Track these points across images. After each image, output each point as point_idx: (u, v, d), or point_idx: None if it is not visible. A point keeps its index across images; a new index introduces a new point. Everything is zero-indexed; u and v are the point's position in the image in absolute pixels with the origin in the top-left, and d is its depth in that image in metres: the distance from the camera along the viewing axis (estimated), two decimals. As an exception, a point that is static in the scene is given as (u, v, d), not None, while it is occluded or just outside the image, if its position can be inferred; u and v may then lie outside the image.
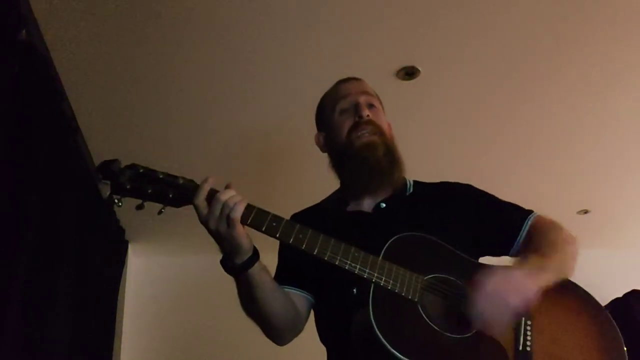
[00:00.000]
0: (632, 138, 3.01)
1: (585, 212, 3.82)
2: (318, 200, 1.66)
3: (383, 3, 2.13)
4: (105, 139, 2.79)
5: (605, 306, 1.50)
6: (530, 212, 1.56)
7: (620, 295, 3.87)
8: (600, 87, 2.61)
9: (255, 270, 1.31)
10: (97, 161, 2.96)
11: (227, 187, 1.28)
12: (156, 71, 2.38)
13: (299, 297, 1.47)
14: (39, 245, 2.10)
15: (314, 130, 1.69)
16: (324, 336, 1.51)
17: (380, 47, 2.33)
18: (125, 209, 3.61)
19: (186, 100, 2.57)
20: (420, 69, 2.45)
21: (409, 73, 2.47)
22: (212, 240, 1.31)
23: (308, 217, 1.53)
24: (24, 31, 1.92)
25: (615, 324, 1.40)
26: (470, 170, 3.18)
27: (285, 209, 1.58)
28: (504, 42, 2.34)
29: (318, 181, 1.62)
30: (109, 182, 1.25)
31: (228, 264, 1.31)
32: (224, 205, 1.23)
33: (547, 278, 1.32)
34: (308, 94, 2.57)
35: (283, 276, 1.47)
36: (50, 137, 2.20)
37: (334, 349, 1.48)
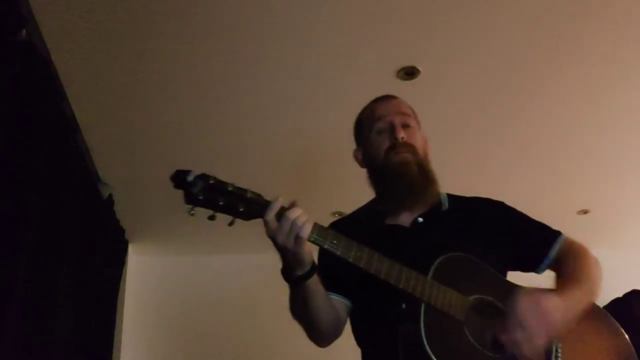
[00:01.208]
0: (632, 138, 3.01)
1: (585, 212, 3.82)
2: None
3: (383, 3, 2.13)
4: (105, 139, 2.79)
5: (605, 306, 1.60)
6: (558, 233, 1.64)
7: (620, 295, 3.87)
8: (600, 87, 2.61)
9: (311, 281, 1.40)
10: (97, 161, 2.97)
11: (294, 205, 1.35)
12: (156, 71, 2.38)
13: (340, 304, 1.56)
14: (39, 245, 2.10)
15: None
16: (363, 340, 1.60)
17: (380, 47, 2.33)
18: (126, 209, 3.61)
19: (187, 100, 2.57)
20: (420, 69, 2.45)
21: (409, 73, 2.46)
22: (211, 240, 1.32)
23: (346, 227, 1.61)
24: (24, 31, 1.92)
25: (630, 343, 1.56)
26: (470, 171, 3.18)
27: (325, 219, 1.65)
28: (504, 42, 2.34)
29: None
30: (181, 191, 1.29)
31: (288, 274, 1.39)
32: (293, 223, 1.31)
33: (579, 307, 1.43)
34: (308, 93, 2.59)
35: (325, 283, 1.52)
36: (50, 137, 2.20)
37: (373, 353, 1.56)
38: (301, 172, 3.10)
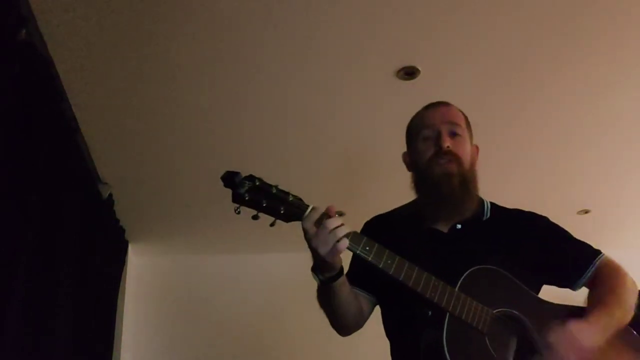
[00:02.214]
0: (632, 138, 3.01)
1: (585, 212, 3.82)
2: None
3: (383, 3, 2.13)
4: (105, 139, 2.79)
5: None
6: (598, 252, 1.66)
7: (620, 295, 3.86)
8: (600, 87, 2.61)
9: (338, 283, 1.46)
10: (97, 161, 2.98)
11: (330, 211, 1.39)
12: (156, 70, 2.38)
13: (365, 299, 1.63)
14: (39, 245, 2.10)
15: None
16: (391, 336, 1.66)
17: (380, 47, 2.33)
18: (126, 209, 3.60)
19: (187, 100, 2.57)
20: (420, 69, 2.45)
21: (409, 73, 2.46)
22: (211, 240, 1.32)
23: (386, 226, 1.71)
24: (24, 31, 1.92)
25: None
26: (470, 170, 3.18)
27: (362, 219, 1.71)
28: (504, 43, 2.34)
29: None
30: (230, 190, 1.34)
31: (317, 274, 1.46)
32: (332, 233, 1.36)
33: (610, 333, 1.47)
34: (307, 93, 2.58)
35: (354, 278, 1.58)
36: (50, 137, 2.20)
37: (399, 350, 1.62)
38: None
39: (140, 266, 4.13)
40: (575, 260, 1.64)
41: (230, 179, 1.35)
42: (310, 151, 3.03)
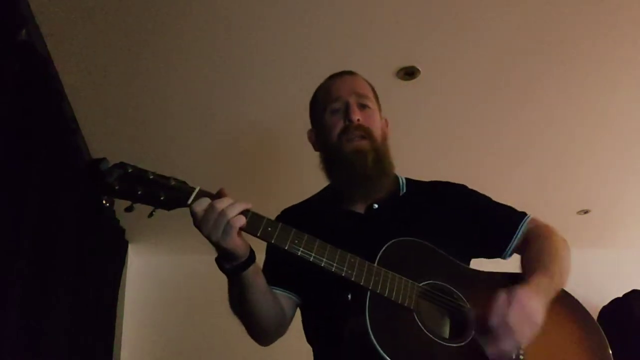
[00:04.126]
0: (632, 138, 3.01)
1: (585, 212, 3.82)
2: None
3: (383, 3, 2.13)
4: (105, 139, 2.79)
5: (605, 306, 1.50)
6: (524, 214, 1.55)
7: (620, 295, 3.87)
8: (599, 87, 2.61)
9: (248, 273, 1.29)
10: (97, 161, 2.97)
11: (222, 193, 1.24)
12: (156, 70, 2.38)
13: (286, 299, 1.47)
14: (38, 245, 2.10)
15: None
16: (312, 337, 1.51)
17: (380, 47, 2.33)
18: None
19: (186, 99, 2.57)
20: (420, 69, 2.45)
21: (409, 73, 2.47)
22: None
23: (299, 214, 1.55)
24: (24, 31, 1.92)
25: (602, 333, 1.43)
26: (470, 171, 3.18)
27: (280, 207, 1.60)
28: (504, 43, 2.34)
29: (312, 179, 1.61)
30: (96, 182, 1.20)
31: (222, 265, 1.30)
32: (220, 215, 1.20)
33: (550, 296, 1.33)
34: (306, 93, 2.58)
35: (271, 277, 1.44)
36: (50, 137, 2.19)
37: (323, 351, 1.47)
38: (295, 171, 3.09)
39: (140, 266, 4.13)
40: (501, 225, 1.52)
41: (94, 168, 1.18)
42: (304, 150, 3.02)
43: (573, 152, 3.13)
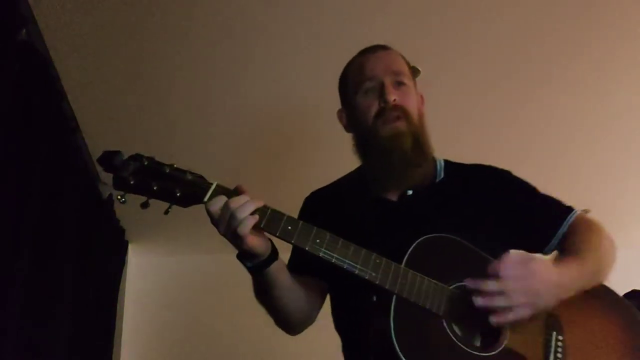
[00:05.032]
0: (633, 138, 3.01)
1: (585, 212, 3.81)
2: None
3: (383, 3, 2.13)
4: (105, 139, 2.79)
5: None
6: (571, 209, 1.46)
7: (620, 295, 3.86)
8: (600, 87, 2.61)
9: (270, 270, 1.24)
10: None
11: (239, 190, 1.17)
12: (157, 70, 2.38)
13: (315, 285, 1.40)
14: (38, 245, 2.10)
15: (316, 126, 1.63)
16: (340, 328, 1.45)
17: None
18: (126, 209, 3.58)
19: (187, 98, 2.57)
20: (420, 69, 2.45)
21: (409, 73, 2.46)
22: (211, 240, 1.29)
23: (327, 199, 1.47)
24: (24, 31, 1.92)
25: None
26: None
27: (300, 197, 1.52)
28: (503, 43, 2.34)
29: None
30: (110, 175, 1.15)
31: (243, 262, 1.25)
32: (231, 216, 1.14)
33: (577, 284, 1.25)
34: (306, 93, 2.58)
35: (299, 265, 1.38)
36: (50, 137, 2.20)
37: (350, 345, 1.40)
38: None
39: (140, 266, 4.12)
40: (544, 219, 1.42)
41: (109, 161, 1.14)
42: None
43: (573, 152, 3.13)
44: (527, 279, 1.17)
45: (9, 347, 1.85)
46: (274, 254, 1.24)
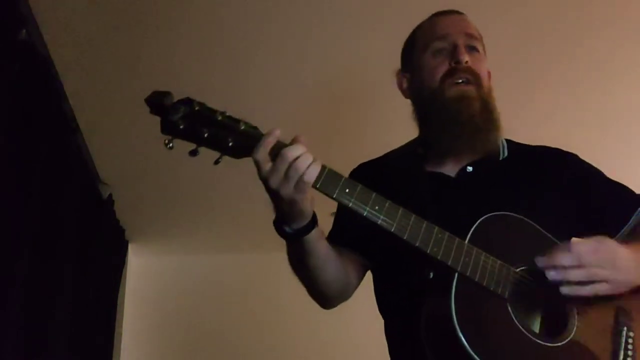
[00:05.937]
0: (633, 138, 3.01)
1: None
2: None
3: (383, 3, 2.13)
4: (105, 139, 2.79)
5: None
6: None
7: (620, 295, 3.86)
8: (600, 87, 2.61)
9: (310, 237, 1.13)
10: (97, 161, 2.97)
11: (296, 140, 1.05)
12: (157, 70, 2.37)
13: (354, 262, 1.32)
14: (38, 245, 2.10)
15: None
16: (385, 310, 1.35)
17: (380, 47, 2.32)
18: (126, 209, 3.59)
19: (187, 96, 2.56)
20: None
21: (410, 73, 2.46)
22: (211, 240, 1.28)
23: (375, 171, 1.36)
24: (24, 31, 1.92)
25: None
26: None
27: (351, 164, 1.42)
28: (503, 44, 2.34)
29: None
30: (159, 117, 1.07)
31: (282, 227, 1.12)
32: (291, 165, 1.02)
33: None
34: (305, 95, 2.58)
35: (341, 235, 1.30)
36: (50, 137, 2.20)
37: (396, 328, 1.30)
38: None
39: (140, 266, 4.12)
40: (614, 207, 1.31)
41: (158, 102, 1.06)
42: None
43: (573, 151, 3.13)
44: (603, 252, 1.11)
45: (9, 347, 1.85)
46: (315, 219, 1.13)
